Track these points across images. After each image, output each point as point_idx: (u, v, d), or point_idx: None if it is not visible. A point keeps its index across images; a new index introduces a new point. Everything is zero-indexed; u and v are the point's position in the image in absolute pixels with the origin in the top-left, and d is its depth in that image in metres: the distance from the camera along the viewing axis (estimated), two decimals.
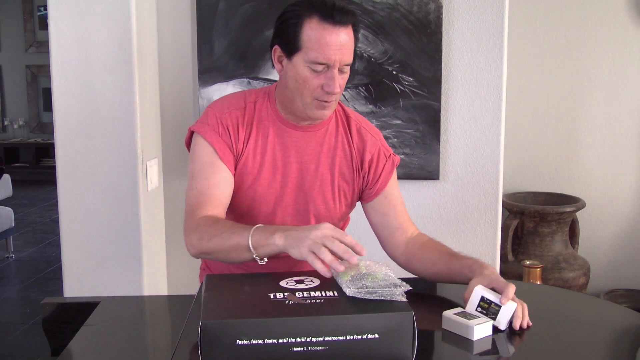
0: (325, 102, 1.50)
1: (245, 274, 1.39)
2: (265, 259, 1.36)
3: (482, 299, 1.34)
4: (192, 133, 1.61)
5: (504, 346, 1.31)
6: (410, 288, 1.20)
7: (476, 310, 1.34)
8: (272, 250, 1.33)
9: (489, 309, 1.33)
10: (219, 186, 1.53)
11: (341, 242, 1.26)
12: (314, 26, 1.44)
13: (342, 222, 1.73)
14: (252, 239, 1.34)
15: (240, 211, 1.62)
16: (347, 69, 1.50)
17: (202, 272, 1.82)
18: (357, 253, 1.28)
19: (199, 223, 1.46)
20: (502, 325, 1.32)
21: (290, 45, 1.47)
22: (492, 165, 2.45)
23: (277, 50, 1.52)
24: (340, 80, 1.49)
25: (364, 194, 1.67)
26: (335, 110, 1.64)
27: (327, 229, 1.27)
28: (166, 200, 2.54)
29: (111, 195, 2.30)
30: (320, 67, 1.46)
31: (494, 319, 1.32)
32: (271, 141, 1.58)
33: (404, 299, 1.18)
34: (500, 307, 1.32)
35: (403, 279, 1.23)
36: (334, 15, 1.43)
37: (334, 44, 1.43)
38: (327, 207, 1.62)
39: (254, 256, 1.36)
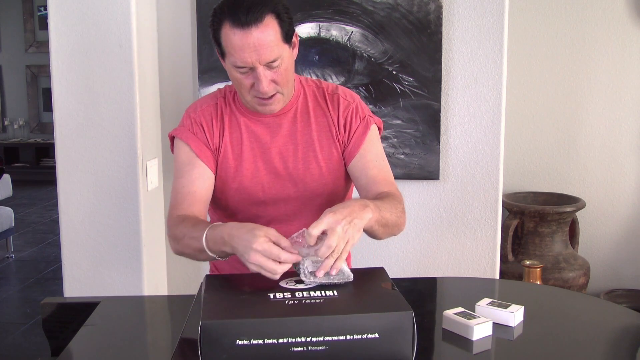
0: (263, 99, 1.50)
1: (245, 274, 1.39)
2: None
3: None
4: (173, 139, 1.63)
5: (504, 346, 1.31)
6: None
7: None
8: (228, 254, 1.36)
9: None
10: (195, 182, 1.55)
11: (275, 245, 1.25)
12: (227, 32, 1.43)
13: (346, 197, 1.70)
14: (207, 245, 1.37)
15: (231, 209, 1.62)
16: (279, 63, 1.46)
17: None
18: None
19: (170, 224, 1.50)
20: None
21: (219, 50, 1.50)
22: (492, 165, 2.45)
23: (217, 53, 1.53)
24: (274, 75, 1.47)
25: (345, 159, 1.63)
26: (303, 87, 1.63)
27: (257, 242, 1.24)
28: (166, 200, 2.53)
29: (111, 195, 2.30)
30: (244, 70, 1.46)
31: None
32: (245, 131, 1.59)
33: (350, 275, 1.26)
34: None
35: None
36: (239, 18, 1.41)
37: (247, 46, 1.41)
38: (320, 184, 1.59)
39: (217, 258, 1.40)
